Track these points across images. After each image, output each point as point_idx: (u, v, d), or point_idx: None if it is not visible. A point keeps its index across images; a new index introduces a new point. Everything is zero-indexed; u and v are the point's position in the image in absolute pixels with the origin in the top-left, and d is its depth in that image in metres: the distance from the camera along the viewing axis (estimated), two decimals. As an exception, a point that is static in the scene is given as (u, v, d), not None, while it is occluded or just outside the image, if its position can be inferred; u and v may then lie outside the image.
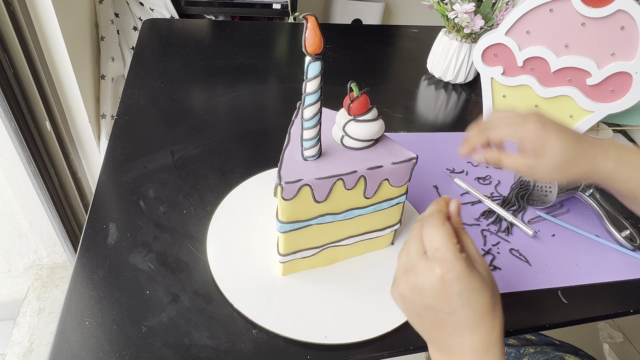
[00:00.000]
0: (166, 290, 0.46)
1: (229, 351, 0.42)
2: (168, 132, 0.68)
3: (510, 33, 0.67)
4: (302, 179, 0.40)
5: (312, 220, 0.45)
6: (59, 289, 1.32)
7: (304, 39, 0.35)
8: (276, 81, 0.85)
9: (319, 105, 0.40)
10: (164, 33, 0.97)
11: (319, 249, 0.48)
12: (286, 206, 0.42)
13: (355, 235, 0.49)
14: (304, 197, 0.42)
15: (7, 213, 1.16)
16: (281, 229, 0.44)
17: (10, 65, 0.89)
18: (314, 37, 0.35)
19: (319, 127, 0.41)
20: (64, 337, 0.42)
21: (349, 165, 0.42)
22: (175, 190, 0.58)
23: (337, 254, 0.51)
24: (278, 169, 0.41)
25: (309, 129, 0.41)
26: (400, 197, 0.48)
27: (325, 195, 0.43)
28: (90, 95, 1.13)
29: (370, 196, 0.45)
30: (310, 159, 0.43)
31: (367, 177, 0.43)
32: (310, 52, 0.36)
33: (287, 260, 0.48)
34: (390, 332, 0.45)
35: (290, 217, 0.43)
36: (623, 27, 0.59)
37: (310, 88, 0.38)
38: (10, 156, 1.02)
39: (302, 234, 0.46)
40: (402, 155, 0.44)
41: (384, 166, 0.43)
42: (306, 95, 0.39)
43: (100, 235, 0.51)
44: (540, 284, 0.52)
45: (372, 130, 0.43)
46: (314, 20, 0.35)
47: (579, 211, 0.63)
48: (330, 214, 0.45)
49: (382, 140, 0.46)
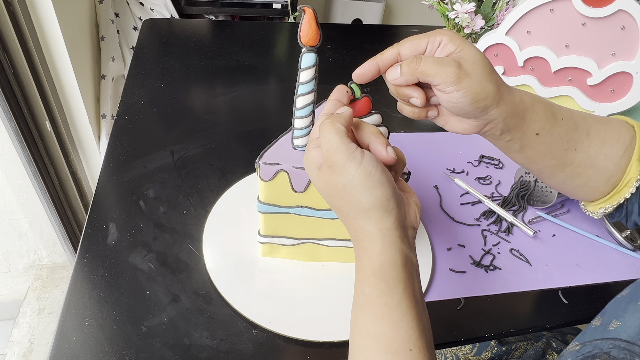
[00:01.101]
0: (166, 291, 0.46)
1: (229, 351, 0.42)
2: (168, 132, 0.68)
3: (510, 33, 0.67)
4: (279, 164, 0.42)
5: (290, 209, 0.46)
6: (59, 289, 1.32)
7: (299, 30, 0.36)
8: (276, 81, 0.85)
9: (313, 96, 0.40)
10: (164, 33, 0.97)
11: (299, 241, 0.49)
12: (264, 186, 0.44)
13: (337, 239, 0.49)
14: (282, 183, 0.43)
15: (7, 213, 1.16)
16: (260, 209, 0.46)
17: (10, 65, 0.89)
18: (308, 28, 0.35)
19: (311, 118, 0.41)
20: (64, 337, 0.42)
21: None
22: (175, 190, 0.58)
23: (320, 253, 0.51)
24: (266, 149, 0.43)
25: (300, 118, 0.41)
26: None
27: (304, 187, 0.44)
28: (90, 95, 1.13)
29: None
30: (299, 148, 0.43)
31: None
32: (304, 43, 0.36)
33: (266, 242, 0.49)
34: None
35: (268, 199, 0.45)
36: (623, 27, 0.59)
37: (303, 78, 0.39)
38: (10, 156, 1.02)
39: (281, 220, 0.47)
40: None
41: None
42: (299, 85, 0.39)
43: (100, 235, 0.51)
44: (540, 284, 0.52)
45: None
46: (311, 12, 0.35)
47: (580, 211, 0.63)
48: (309, 208, 0.46)
49: None
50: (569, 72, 0.65)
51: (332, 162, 0.34)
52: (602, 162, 0.42)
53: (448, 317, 0.48)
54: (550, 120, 0.41)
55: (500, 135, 0.42)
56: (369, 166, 0.33)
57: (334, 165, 0.34)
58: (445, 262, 0.53)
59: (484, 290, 0.51)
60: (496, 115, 0.40)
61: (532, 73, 0.68)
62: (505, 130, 0.41)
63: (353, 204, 0.34)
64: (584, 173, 0.43)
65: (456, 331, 0.46)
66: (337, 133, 0.34)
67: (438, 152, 0.71)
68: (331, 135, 0.34)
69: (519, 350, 0.65)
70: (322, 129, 0.35)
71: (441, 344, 0.46)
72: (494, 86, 0.38)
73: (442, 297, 0.49)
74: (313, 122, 0.42)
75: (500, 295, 0.50)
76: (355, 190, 0.34)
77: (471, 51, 0.38)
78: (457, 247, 0.55)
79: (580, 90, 0.66)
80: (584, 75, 0.65)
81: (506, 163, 0.70)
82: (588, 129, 0.42)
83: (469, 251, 0.55)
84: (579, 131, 0.42)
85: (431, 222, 0.58)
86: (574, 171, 0.43)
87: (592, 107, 0.66)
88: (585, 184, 0.44)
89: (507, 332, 0.47)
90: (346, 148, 0.33)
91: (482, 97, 0.38)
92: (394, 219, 0.34)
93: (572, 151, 0.42)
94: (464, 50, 0.37)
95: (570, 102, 0.67)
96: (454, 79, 0.37)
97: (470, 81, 0.37)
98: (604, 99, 0.65)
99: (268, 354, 0.42)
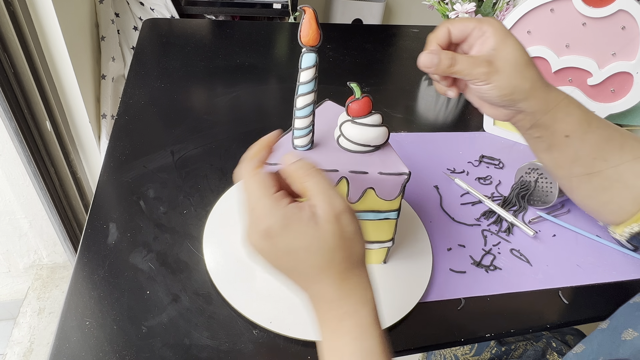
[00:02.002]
0: (166, 291, 0.46)
1: (229, 351, 0.42)
2: (168, 132, 0.68)
3: (510, 33, 0.67)
4: (278, 164, 0.40)
5: None
6: (59, 289, 1.32)
7: (300, 30, 0.36)
8: (276, 81, 0.85)
9: (313, 96, 0.39)
10: (164, 33, 0.97)
11: None
12: None
13: None
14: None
15: (7, 213, 1.16)
16: None
17: (10, 65, 0.89)
18: (309, 28, 0.35)
19: (311, 118, 0.41)
20: (64, 337, 0.42)
21: (334, 164, 0.42)
22: (176, 190, 0.58)
23: None
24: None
25: (301, 118, 0.40)
26: (390, 212, 0.46)
27: None
28: (90, 95, 1.13)
29: (354, 201, 0.44)
30: (299, 148, 0.43)
31: (349, 179, 0.42)
32: (304, 43, 0.36)
33: None
34: (388, 330, 0.45)
35: None
36: (624, 27, 0.59)
37: (303, 78, 0.38)
38: (10, 156, 1.02)
39: None
40: (393, 168, 0.42)
41: (368, 173, 0.42)
42: (299, 85, 0.39)
43: (101, 235, 0.51)
44: (540, 284, 0.52)
45: (369, 135, 0.42)
46: (311, 12, 0.35)
47: (580, 211, 0.63)
48: None
49: (383, 149, 0.44)
50: (569, 72, 0.65)
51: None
52: (631, 179, 0.42)
53: (448, 317, 0.48)
54: (584, 125, 0.42)
55: (530, 129, 0.44)
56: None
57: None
58: (445, 262, 0.53)
59: (484, 290, 0.51)
60: (525, 107, 0.42)
61: (533, 73, 0.68)
62: (535, 125, 0.43)
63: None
64: (611, 187, 0.43)
65: (456, 331, 0.46)
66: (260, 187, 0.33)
67: (438, 152, 0.71)
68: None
69: (518, 350, 0.65)
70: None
71: (441, 344, 0.46)
72: (525, 82, 0.40)
73: (442, 297, 0.49)
74: (313, 122, 0.41)
75: (500, 295, 0.50)
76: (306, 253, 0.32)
77: (508, 48, 0.40)
78: (457, 247, 0.55)
79: (581, 90, 0.66)
80: (584, 75, 0.65)
81: (506, 163, 0.70)
82: (622, 143, 0.42)
83: (469, 251, 0.55)
84: (612, 143, 0.42)
85: (431, 222, 0.58)
86: (601, 184, 0.43)
87: (593, 107, 0.66)
88: (612, 200, 0.43)
89: (507, 332, 0.47)
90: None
91: (508, 91, 0.41)
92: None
93: (601, 161, 0.42)
94: (502, 46, 0.40)
95: (570, 102, 0.68)
96: (484, 78, 0.41)
97: (499, 78, 0.40)
98: (604, 99, 0.65)
99: (268, 354, 0.42)
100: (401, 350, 0.45)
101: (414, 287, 0.49)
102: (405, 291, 0.48)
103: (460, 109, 0.84)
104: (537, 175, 0.61)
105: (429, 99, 0.86)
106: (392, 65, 0.97)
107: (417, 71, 0.94)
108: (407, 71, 0.94)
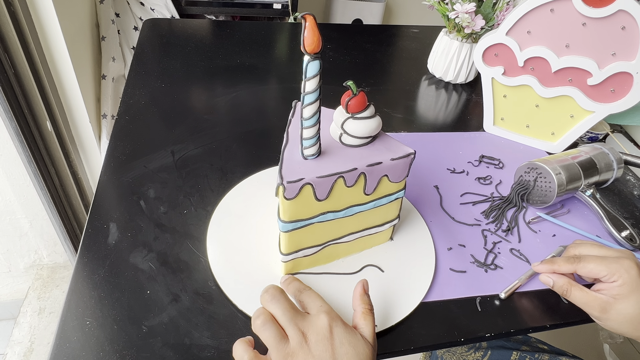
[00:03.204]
0: (167, 290, 0.46)
1: (229, 351, 0.42)
2: (168, 132, 0.68)
3: (511, 33, 0.67)
4: (303, 178, 0.40)
5: (313, 219, 0.45)
6: (60, 289, 1.33)
7: (303, 39, 0.35)
8: (276, 81, 0.85)
9: (318, 104, 0.40)
10: (164, 33, 0.97)
11: (321, 246, 0.48)
12: (288, 205, 0.42)
13: (355, 232, 0.49)
14: (306, 196, 0.42)
15: (7, 213, 1.16)
16: (283, 229, 0.44)
17: (10, 65, 0.89)
18: (312, 36, 0.35)
19: (318, 126, 0.41)
20: (65, 336, 0.42)
21: (349, 163, 0.43)
22: (176, 190, 0.58)
23: (338, 251, 0.51)
24: (279, 169, 0.41)
25: (309, 127, 0.40)
26: (399, 192, 0.48)
27: (327, 193, 0.43)
28: (90, 95, 1.13)
29: (370, 192, 0.46)
30: (310, 157, 0.43)
31: (367, 173, 0.43)
32: (309, 51, 0.36)
33: (290, 260, 0.48)
34: (389, 330, 0.45)
35: (292, 217, 0.43)
36: (624, 27, 0.59)
37: (309, 87, 0.38)
38: (10, 156, 1.02)
39: (304, 233, 0.46)
40: (400, 151, 0.45)
41: (383, 162, 0.43)
42: (305, 95, 0.39)
43: (101, 235, 0.51)
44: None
45: (370, 127, 0.43)
46: (312, 20, 0.35)
47: (579, 211, 0.63)
48: (331, 212, 0.45)
49: (379, 137, 0.46)
50: (569, 72, 0.65)
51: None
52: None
53: (448, 317, 0.48)
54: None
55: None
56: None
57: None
58: (445, 262, 0.53)
59: (484, 290, 0.51)
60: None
61: (533, 73, 0.68)
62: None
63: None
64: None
65: (456, 331, 0.46)
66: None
67: (438, 152, 0.71)
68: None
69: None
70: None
71: (441, 344, 0.46)
72: (636, 332, 0.43)
73: (442, 297, 0.49)
74: (319, 130, 0.42)
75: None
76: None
77: (629, 305, 0.43)
78: (458, 246, 0.55)
79: (581, 90, 0.66)
80: (584, 76, 0.65)
81: (506, 163, 0.70)
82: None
83: (470, 251, 0.55)
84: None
85: (432, 222, 0.58)
86: None
87: (593, 108, 0.66)
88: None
89: (507, 332, 0.47)
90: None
91: (618, 333, 0.44)
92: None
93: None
94: (623, 300, 0.43)
95: (570, 102, 0.68)
96: (594, 317, 0.45)
97: (610, 324, 0.44)
98: (604, 99, 0.65)
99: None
100: (401, 350, 0.45)
101: (416, 287, 0.49)
102: (408, 291, 0.49)
103: (460, 109, 0.84)
104: (536, 175, 0.61)
105: (429, 99, 0.86)
106: (392, 65, 0.97)
107: (417, 71, 0.94)
108: (407, 71, 0.94)
